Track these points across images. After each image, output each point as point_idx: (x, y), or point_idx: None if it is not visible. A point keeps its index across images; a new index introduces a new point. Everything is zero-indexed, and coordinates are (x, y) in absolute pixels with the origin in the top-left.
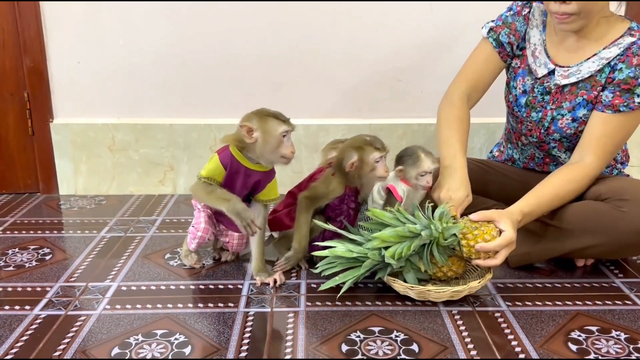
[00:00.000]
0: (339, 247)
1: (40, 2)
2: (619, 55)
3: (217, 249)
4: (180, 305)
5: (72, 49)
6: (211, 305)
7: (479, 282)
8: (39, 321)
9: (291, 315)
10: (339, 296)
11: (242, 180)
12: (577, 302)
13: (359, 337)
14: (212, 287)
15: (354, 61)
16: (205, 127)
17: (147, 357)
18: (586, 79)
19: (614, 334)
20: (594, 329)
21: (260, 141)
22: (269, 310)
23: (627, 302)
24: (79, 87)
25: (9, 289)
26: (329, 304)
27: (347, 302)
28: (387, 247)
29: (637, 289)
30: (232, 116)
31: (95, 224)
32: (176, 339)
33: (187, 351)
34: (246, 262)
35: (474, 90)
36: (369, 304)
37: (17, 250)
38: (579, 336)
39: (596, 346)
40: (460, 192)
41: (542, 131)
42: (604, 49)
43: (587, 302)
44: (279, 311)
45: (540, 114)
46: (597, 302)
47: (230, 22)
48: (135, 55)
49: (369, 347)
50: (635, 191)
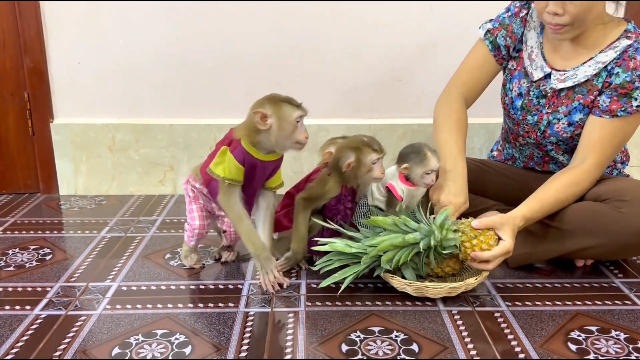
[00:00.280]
0: (338, 243)
1: (40, 2)
2: (615, 59)
3: (221, 247)
4: (180, 305)
5: (72, 49)
6: (211, 305)
7: (476, 279)
8: (39, 321)
9: (291, 315)
10: (339, 293)
11: (259, 173)
12: (577, 302)
13: (359, 337)
14: (212, 287)
15: (354, 61)
16: (205, 127)
17: (148, 357)
18: (582, 83)
19: (613, 334)
20: (593, 329)
21: (274, 127)
22: (269, 310)
23: (626, 302)
24: (79, 87)
25: (10, 289)
26: (329, 303)
27: (347, 302)
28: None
29: (637, 289)
30: (232, 116)
31: (95, 224)
32: (176, 339)
33: (187, 351)
34: (246, 262)
35: (469, 91)
36: (369, 303)
37: (17, 250)
38: (579, 336)
39: (596, 346)
40: (460, 197)
41: (538, 134)
42: (600, 52)
43: (587, 302)
44: (279, 311)
45: (535, 117)
46: (597, 302)
47: (230, 22)
48: (135, 55)
49: (369, 347)
50: (634, 192)
